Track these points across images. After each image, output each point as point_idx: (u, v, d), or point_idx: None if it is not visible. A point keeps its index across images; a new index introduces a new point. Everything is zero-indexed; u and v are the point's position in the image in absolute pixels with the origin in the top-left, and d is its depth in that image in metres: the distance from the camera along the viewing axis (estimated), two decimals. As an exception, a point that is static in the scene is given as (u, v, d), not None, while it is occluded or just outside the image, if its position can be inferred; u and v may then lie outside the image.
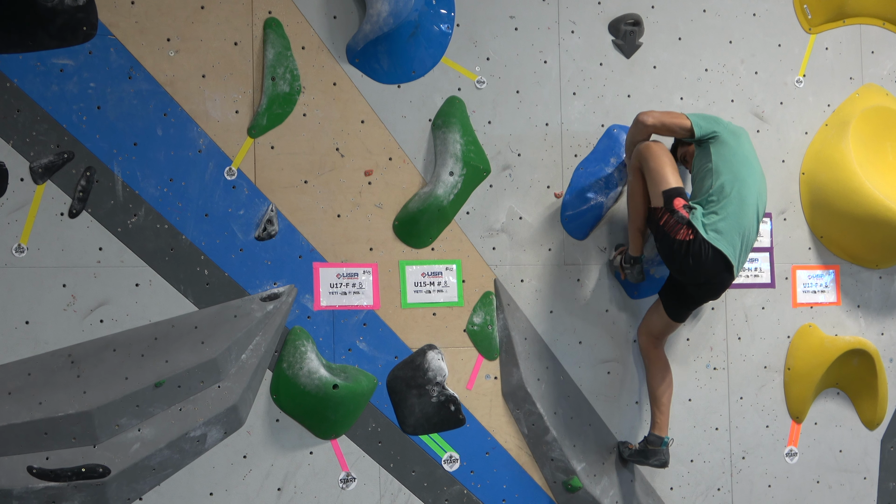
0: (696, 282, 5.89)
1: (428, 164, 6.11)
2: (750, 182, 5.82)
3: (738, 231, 5.74)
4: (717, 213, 5.74)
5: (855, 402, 6.90)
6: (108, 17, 5.61)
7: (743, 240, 5.78)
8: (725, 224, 5.73)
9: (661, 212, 5.82)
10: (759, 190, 5.86)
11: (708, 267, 5.74)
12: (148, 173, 5.64)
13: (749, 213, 5.79)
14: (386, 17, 5.80)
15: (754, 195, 5.82)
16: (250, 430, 5.77)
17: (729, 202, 5.75)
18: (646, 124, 5.95)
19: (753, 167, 5.89)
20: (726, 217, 5.73)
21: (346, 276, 5.95)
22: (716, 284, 5.89)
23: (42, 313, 5.48)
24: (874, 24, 7.00)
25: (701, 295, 6.01)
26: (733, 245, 5.74)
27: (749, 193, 5.80)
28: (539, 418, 6.15)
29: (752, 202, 5.80)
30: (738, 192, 5.76)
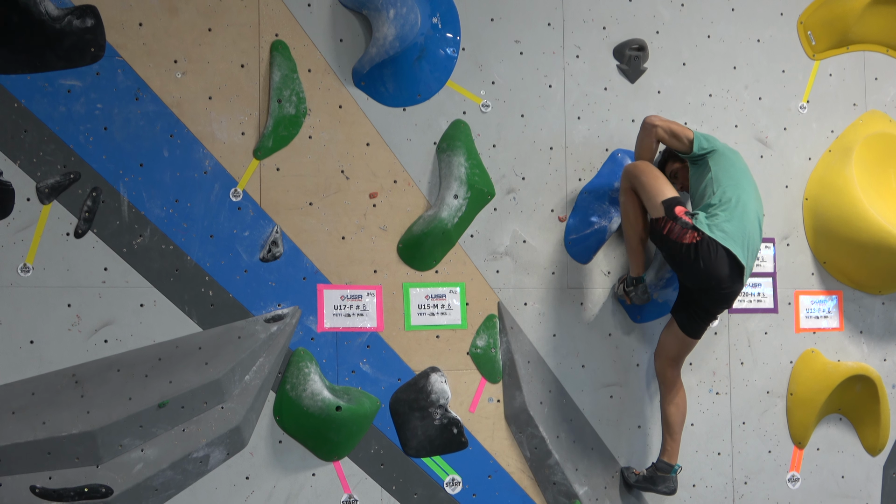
0: (707, 286, 5.82)
1: (433, 186, 6.13)
2: (750, 191, 5.87)
3: (741, 234, 5.74)
4: (721, 216, 5.77)
5: (857, 427, 6.90)
6: (115, 38, 5.64)
7: (747, 244, 5.77)
8: (731, 225, 5.74)
9: (663, 221, 5.83)
10: (758, 201, 5.91)
11: (719, 267, 5.71)
12: (154, 194, 5.65)
13: (751, 219, 5.80)
14: (392, 41, 5.82)
15: (754, 205, 5.85)
16: (253, 452, 5.77)
17: (732, 206, 5.78)
18: (654, 125, 6.02)
19: (750, 180, 5.95)
20: (731, 219, 5.75)
21: (350, 298, 5.97)
22: (726, 290, 5.83)
23: (47, 333, 5.49)
24: (878, 51, 7.02)
25: (713, 304, 5.94)
26: (740, 245, 5.74)
27: (749, 201, 5.83)
28: (542, 442, 6.15)
29: (752, 209, 5.82)
30: (738, 198, 5.80)
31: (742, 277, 5.80)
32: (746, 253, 5.77)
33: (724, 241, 5.70)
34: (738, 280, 5.80)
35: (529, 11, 6.34)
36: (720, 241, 5.70)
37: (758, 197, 5.94)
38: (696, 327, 6.09)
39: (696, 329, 6.09)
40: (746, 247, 5.76)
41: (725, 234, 5.72)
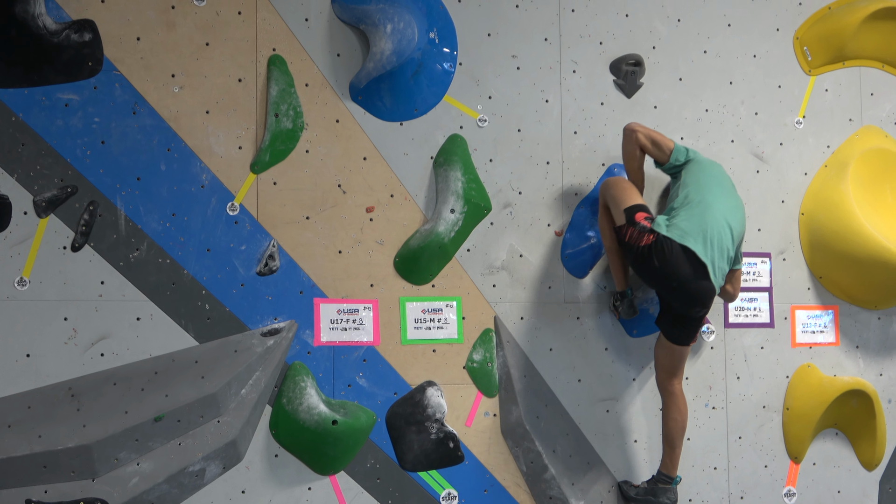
0: (669, 286, 5.81)
1: (429, 201, 6.14)
2: (717, 193, 5.86)
3: (700, 230, 5.73)
4: (680, 215, 5.80)
5: (853, 442, 6.90)
6: (113, 52, 5.65)
7: (709, 241, 5.73)
8: (688, 223, 5.75)
9: (624, 228, 5.87)
10: (730, 206, 5.88)
11: (676, 265, 5.69)
12: (151, 208, 5.66)
13: (715, 217, 5.77)
14: (389, 56, 5.84)
15: (721, 205, 5.82)
16: (249, 466, 5.77)
17: (692, 206, 5.81)
18: (633, 130, 6.08)
19: (724, 186, 5.95)
20: (689, 217, 5.77)
21: (347, 312, 5.97)
22: (693, 290, 5.77)
23: (43, 346, 5.49)
24: (874, 67, 7.04)
25: (684, 305, 5.88)
26: (699, 240, 5.71)
27: (714, 201, 5.82)
28: (538, 456, 6.15)
29: (718, 209, 5.80)
30: (701, 199, 5.82)
31: (708, 278, 5.75)
32: (708, 249, 5.73)
33: (681, 238, 5.71)
34: (702, 277, 5.74)
35: (526, 27, 6.36)
36: (676, 238, 5.70)
37: (733, 203, 5.93)
38: (678, 334, 6.04)
39: (679, 336, 6.05)
40: (708, 244, 5.73)
41: (682, 231, 5.73)
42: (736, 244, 5.92)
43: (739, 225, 5.94)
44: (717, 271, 5.78)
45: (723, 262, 5.80)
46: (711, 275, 5.75)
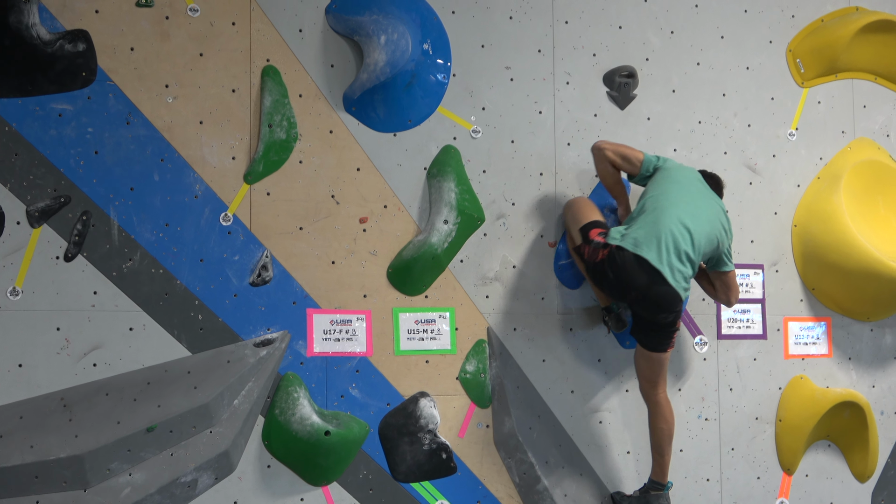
0: (629, 295, 5.82)
1: (423, 212, 6.14)
2: (675, 197, 5.81)
3: (654, 237, 5.70)
4: (633, 225, 5.80)
5: (846, 454, 6.90)
6: (107, 63, 5.66)
7: (664, 246, 5.69)
8: (639, 232, 5.74)
9: (581, 247, 5.91)
10: (691, 210, 5.80)
11: (629, 273, 5.69)
12: (144, 218, 5.66)
13: (668, 222, 5.73)
14: (383, 67, 5.85)
15: (679, 209, 5.77)
16: (241, 476, 5.76)
17: (646, 215, 5.80)
18: (601, 148, 6.08)
19: (687, 191, 5.88)
20: (642, 226, 5.76)
21: (340, 323, 5.97)
22: (654, 297, 5.75)
23: (35, 356, 5.48)
24: (866, 79, 7.06)
25: (649, 311, 5.85)
26: (652, 248, 5.69)
27: (671, 205, 5.78)
28: (530, 467, 6.15)
29: (673, 213, 5.75)
30: (655, 206, 5.80)
31: (668, 284, 5.71)
32: (664, 255, 5.69)
33: (634, 247, 5.71)
34: (660, 283, 5.70)
35: (520, 38, 6.37)
36: (629, 248, 5.71)
37: (698, 207, 5.85)
38: (649, 340, 6.00)
39: (651, 342, 5.99)
40: (663, 249, 5.69)
41: (635, 240, 5.73)
42: (703, 247, 5.84)
43: (707, 227, 5.84)
44: (676, 275, 5.73)
45: (684, 265, 5.75)
46: (670, 280, 5.72)
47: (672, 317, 5.87)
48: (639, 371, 6.14)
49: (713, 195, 6.02)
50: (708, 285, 6.27)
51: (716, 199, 6.02)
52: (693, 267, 5.80)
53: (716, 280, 6.16)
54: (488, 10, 6.32)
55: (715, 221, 5.90)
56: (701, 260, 5.89)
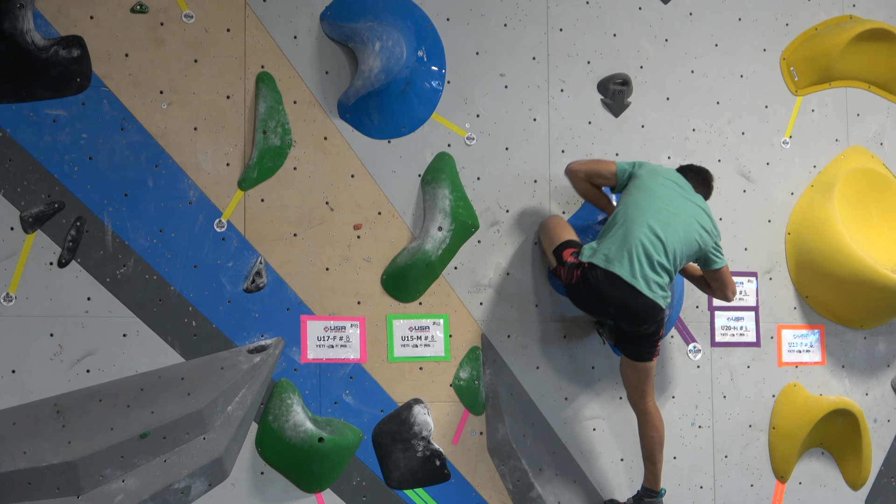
0: (608, 311, 5.88)
1: (417, 218, 6.15)
2: (644, 207, 5.79)
3: (624, 251, 5.70)
4: (604, 241, 5.81)
5: (839, 462, 6.91)
6: (101, 69, 5.66)
7: (635, 258, 5.69)
8: (609, 247, 5.75)
9: (557, 270, 5.95)
10: (663, 218, 5.78)
11: (602, 289, 5.72)
12: (138, 224, 5.66)
13: (637, 233, 5.72)
14: (377, 74, 5.85)
15: (649, 218, 5.75)
16: (235, 483, 5.75)
17: (616, 228, 5.80)
18: (574, 171, 6.11)
19: (658, 199, 5.84)
20: (612, 241, 5.76)
21: (334, 330, 5.97)
22: (632, 309, 5.76)
23: (29, 362, 5.47)
24: (860, 88, 7.08)
25: (627, 323, 5.87)
26: (624, 263, 5.69)
27: (640, 216, 5.76)
28: (524, 474, 6.14)
29: (642, 224, 5.73)
30: (625, 218, 5.79)
31: (643, 296, 5.70)
32: (637, 268, 5.69)
33: (606, 264, 5.73)
34: (636, 296, 5.71)
35: (514, 45, 6.38)
36: (601, 265, 5.72)
37: (671, 214, 5.81)
38: (634, 351, 5.99)
39: (636, 353, 5.98)
40: (635, 262, 5.69)
41: (605, 256, 5.75)
42: (680, 252, 5.80)
43: (681, 232, 5.80)
44: (651, 286, 5.72)
45: (658, 274, 5.73)
46: (646, 291, 5.72)
47: (654, 327, 5.87)
48: (625, 381, 6.13)
49: (690, 196, 5.96)
50: (703, 286, 6.26)
51: (693, 199, 5.96)
52: (669, 274, 5.80)
53: (709, 278, 6.14)
54: (483, 18, 6.33)
55: (691, 224, 5.87)
56: (683, 263, 5.89)
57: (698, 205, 5.96)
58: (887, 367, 7.03)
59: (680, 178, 6.01)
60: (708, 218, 5.97)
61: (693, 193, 5.99)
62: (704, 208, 5.99)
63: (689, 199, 5.94)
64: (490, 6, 6.35)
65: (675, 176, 6.01)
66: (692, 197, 5.97)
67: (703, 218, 5.94)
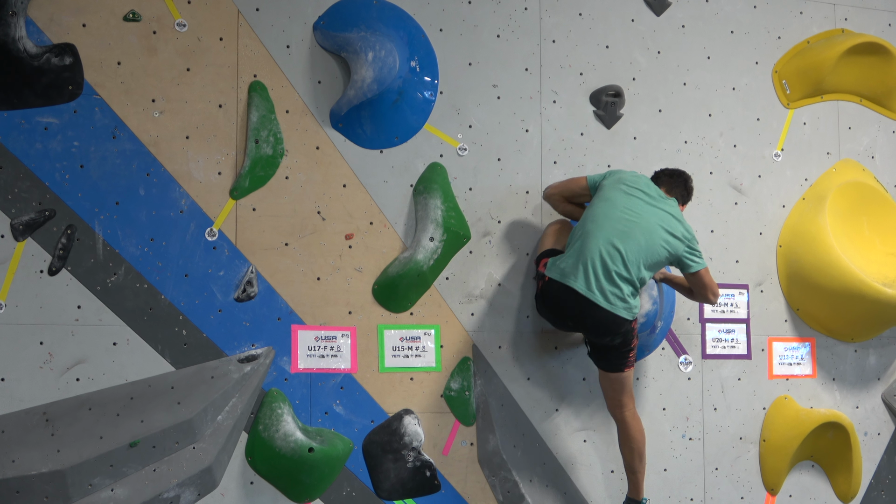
0: (568, 324, 5.97)
1: (408, 229, 6.14)
2: (602, 219, 5.77)
3: (580, 264, 5.71)
4: (564, 255, 5.85)
5: (830, 475, 6.91)
6: (93, 76, 5.65)
7: (591, 271, 5.68)
8: (566, 262, 5.78)
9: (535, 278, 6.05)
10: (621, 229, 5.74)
11: (562, 302, 5.78)
12: (129, 232, 5.64)
13: (593, 246, 5.71)
14: (370, 84, 5.85)
15: (606, 230, 5.73)
16: (224, 493, 5.73)
17: (574, 242, 5.82)
18: (551, 195, 6.18)
19: (619, 206, 5.81)
20: (570, 255, 5.79)
21: (325, 339, 5.96)
22: (591, 322, 5.78)
23: (18, 370, 5.45)
24: (851, 101, 7.10)
25: (592, 335, 5.90)
26: (579, 276, 5.70)
27: (597, 229, 5.74)
28: (514, 486, 6.13)
29: (599, 236, 5.72)
30: (583, 232, 5.80)
31: (601, 307, 5.70)
32: (592, 281, 5.68)
33: (562, 277, 5.77)
34: (593, 309, 5.71)
35: (507, 57, 6.39)
36: (557, 279, 5.77)
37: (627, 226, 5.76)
38: (605, 362, 5.98)
39: (607, 364, 5.97)
40: (591, 275, 5.69)
41: (561, 270, 5.78)
42: (643, 261, 5.74)
43: (643, 242, 5.74)
44: (610, 298, 5.70)
45: (617, 286, 5.70)
46: (604, 304, 5.71)
47: (619, 338, 5.85)
48: (604, 392, 6.10)
49: (657, 202, 5.88)
50: (685, 291, 6.24)
51: (660, 205, 5.88)
52: (631, 284, 5.75)
53: (690, 283, 6.08)
54: (476, 29, 6.34)
55: (654, 231, 5.79)
56: (652, 271, 5.82)
57: (666, 210, 5.89)
58: (878, 380, 7.04)
59: (648, 185, 5.96)
60: (677, 222, 5.89)
61: (663, 199, 5.93)
62: (674, 213, 5.91)
63: (655, 205, 5.87)
64: (483, 17, 6.36)
65: (642, 183, 5.95)
66: (660, 203, 5.90)
67: (670, 223, 5.86)
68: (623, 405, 6.04)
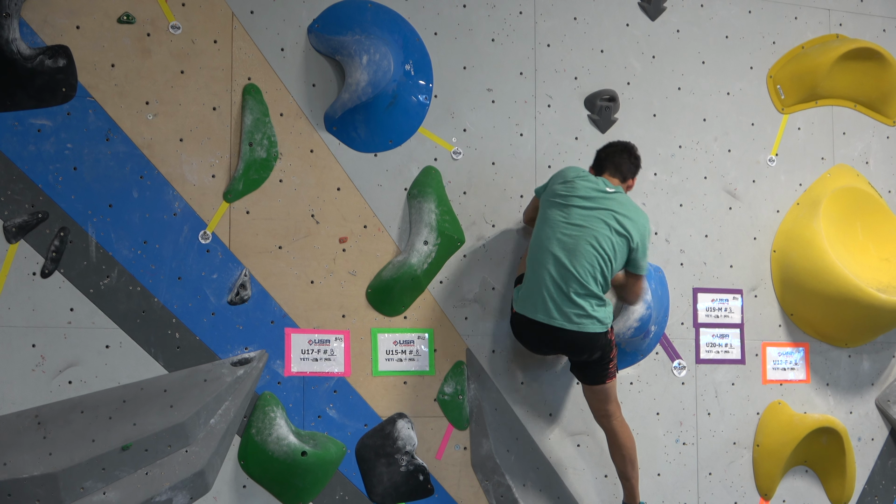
0: (544, 350, 5.98)
1: (402, 232, 6.14)
2: (544, 240, 5.74)
3: (536, 293, 5.72)
4: (521, 287, 5.88)
5: (823, 480, 6.91)
6: (87, 79, 5.64)
7: (548, 298, 5.67)
8: (524, 292, 5.82)
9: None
10: (567, 242, 5.68)
11: (528, 330, 5.82)
12: (122, 235, 5.63)
13: (542, 271, 5.70)
14: (364, 87, 5.85)
15: (552, 249, 5.69)
16: (217, 496, 5.72)
17: (528, 274, 5.83)
18: (525, 221, 6.29)
19: (558, 222, 5.75)
20: (525, 283, 5.83)
21: (318, 343, 5.95)
22: (562, 344, 5.79)
23: (10, 373, 5.43)
24: (846, 106, 7.10)
25: (566, 354, 5.91)
26: (538, 306, 5.70)
27: (541, 253, 5.72)
28: (508, 490, 6.13)
29: (546, 259, 5.69)
30: (532, 257, 5.81)
31: (564, 329, 5.69)
32: (551, 307, 5.68)
33: (521, 308, 5.82)
34: (557, 333, 5.71)
35: (502, 60, 6.39)
36: (518, 309, 5.84)
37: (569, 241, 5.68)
38: (586, 376, 5.97)
39: (588, 378, 5.96)
40: (548, 300, 5.68)
41: (522, 300, 5.83)
42: (596, 270, 5.68)
43: (587, 253, 5.67)
44: (574, 317, 5.68)
45: (577, 304, 5.66)
46: (569, 326, 5.69)
47: (598, 353, 5.83)
48: (589, 404, 6.08)
49: (598, 202, 5.75)
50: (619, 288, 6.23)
51: (602, 205, 5.75)
52: (592, 296, 5.70)
53: (628, 281, 6.05)
54: (471, 33, 6.34)
55: (601, 238, 5.69)
56: (612, 273, 5.77)
57: (609, 208, 5.75)
58: (871, 385, 7.04)
59: (585, 186, 5.80)
60: (625, 218, 5.77)
61: (604, 197, 5.78)
62: (619, 209, 5.77)
63: (596, 206, 5.75)
64: (478, 21, 6.36)
65: (579, 187, 5.80)
66: (601, 202, 5.76)
67: (618, 222, 5.75)
68: (610, 414, 6.03)
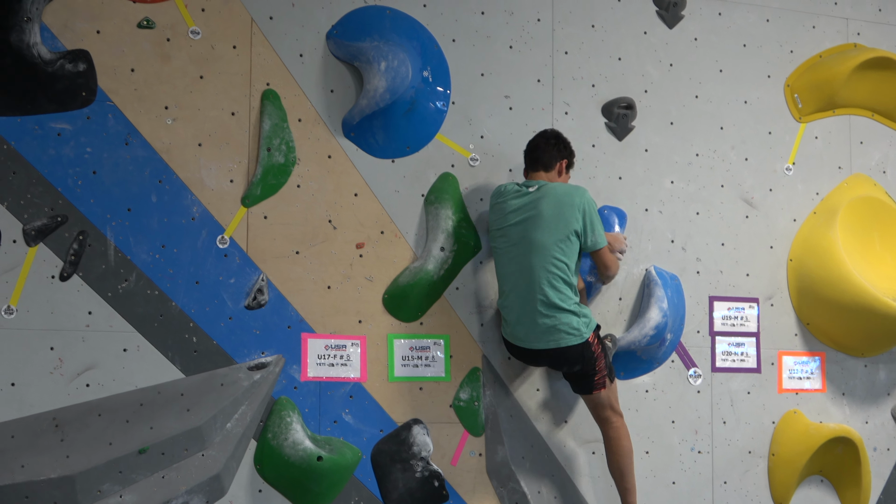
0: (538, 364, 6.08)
1: (419, 238, 6.14)
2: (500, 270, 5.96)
3: (511, 318, 5.87)
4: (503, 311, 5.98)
5: (838, 490, 6.89)
6: (107, 83, 5.66)
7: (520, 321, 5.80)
8: (507, 313, 5.92)
9: None
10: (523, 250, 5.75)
11: (515, 352, 6.02)
12: (140, 239, 5.65)
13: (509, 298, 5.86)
14: (382, 93, 5.86)
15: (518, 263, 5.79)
16: (232, 500, 5.73)
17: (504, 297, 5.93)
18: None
19: (501, 249, 5.91)
20: (504, 312, 5.95)
21: (335, 348, 5.95)
22: (546, 360, 5.92)
23: (28, 376, 5.45)
24: (863, 116, 7.09)
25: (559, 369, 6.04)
26: (517, 330, 5.83)
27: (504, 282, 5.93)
28: (523, 497, 6.12)
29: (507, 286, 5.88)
30: (501, 288, 5.96)
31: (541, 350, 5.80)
32: (528, 330, 5.78)
33: (506, 335, 5.97)
34: (539, 352, 5.84)
35: (519, 68, 6.39)
36: (506, 337, 5.98)
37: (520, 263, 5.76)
38: (576, 386, 6.01)
39: (579, 387, 6.00)
40: (523, 325, 5.79)
41: (504, 326, 5.95)
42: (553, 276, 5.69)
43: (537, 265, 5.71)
44: (549, 333, 5.75)
45: (548, 317, 5.71)
46: (547, 344, 5.77)
47: (577, 367, 5.86)
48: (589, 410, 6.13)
49: (527, 208, 5.79)
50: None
51: (532, 207, 5.79)
52: (557, 308, 5.72)
53: (593, 259, 6.05)
54: (489, 40, 6.35)
55: (545, 241, 5.72)
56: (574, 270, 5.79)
57: (539, 208, 5.77)
58: (888, 395, 7.02)
59: (507, 202, 5.89)
60: (556, 206, 5.77)
61: (530, 199, 5.82)
62: (545, 204, 5.78)
63: (527, 213, 5.78)
64: (496, 28, 6.37)
65: (503, 207, 5.91)
66: (530, 207, 5.79)
67: (552, 214, 5.75)
68: (604, 420, 6.04)
